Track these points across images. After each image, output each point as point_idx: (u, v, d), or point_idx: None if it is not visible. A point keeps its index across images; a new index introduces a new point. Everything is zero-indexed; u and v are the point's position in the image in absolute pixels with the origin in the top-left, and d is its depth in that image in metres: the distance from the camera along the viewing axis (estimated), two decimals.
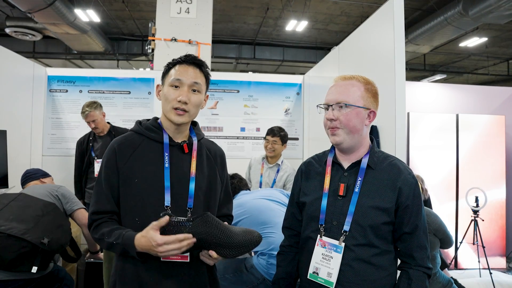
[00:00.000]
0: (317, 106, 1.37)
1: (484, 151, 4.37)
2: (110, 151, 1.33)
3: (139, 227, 1.25)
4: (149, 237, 1.14)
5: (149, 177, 1.29)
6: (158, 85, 1.38)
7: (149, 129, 1.36)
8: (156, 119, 1.41)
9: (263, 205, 2.21)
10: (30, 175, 2.49)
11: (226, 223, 1.27)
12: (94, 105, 3.27)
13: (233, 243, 1.18)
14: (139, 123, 1.40)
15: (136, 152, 1.32)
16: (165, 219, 1.14)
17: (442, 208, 4.25)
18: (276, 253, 1.54)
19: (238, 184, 2.46)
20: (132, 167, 1.29)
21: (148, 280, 1.25)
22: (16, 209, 1.93)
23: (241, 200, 2.27)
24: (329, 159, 1.35)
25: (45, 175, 2.55)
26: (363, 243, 1.22)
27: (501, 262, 4.35)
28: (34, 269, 1.87)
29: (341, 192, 1.26)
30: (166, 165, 1.30)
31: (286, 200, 2.27)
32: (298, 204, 1.41)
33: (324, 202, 1.29)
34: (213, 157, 1.44)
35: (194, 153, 1.36)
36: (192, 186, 1.32)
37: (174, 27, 4.19)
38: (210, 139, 1.52)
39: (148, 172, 1.29)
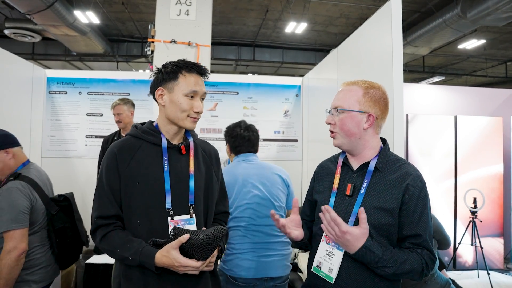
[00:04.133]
0: (326, 110, 1.42)
1: (482, 152, 4.38)
2: (110, 155, 1.34)
3: (140, 229, 1.30)
4: (173, 258, 1.21)
5: (150, 180, 1.32)
6: (159, 89, 1.37)
7: (147, 133, 1.39)
8: (151, 122, 1.44)
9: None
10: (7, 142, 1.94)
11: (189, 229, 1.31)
12: (125, 100, 3.39)
13: (199, 246, 1.23)
14: (135, 127, 1.43)
15: (136, 156, 1.35)
16: (186, 236, 1.22)
17: (440, 208, 4.26)
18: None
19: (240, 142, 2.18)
20: (133, 170, 1.32)
21: (153, 281, 1.28)
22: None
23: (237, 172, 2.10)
24: (340, 160, 1.41)
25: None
26: None
27: (499, 262, 4.36)
28: None
29: (347, 192, 1.31)
30: (166, 168, 1.34)
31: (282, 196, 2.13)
32: (310, 201, 1.50)
33: (331, 201, 1.34)
34: (208, 156, 1.50)
35: (192, 152, 1.42)
36: (191, 183, 1.37)
37: (173, 29, 4.20)
38: (203, 139, 1.57)
39: (149, 175, 1.32)
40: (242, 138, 2.16)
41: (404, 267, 1.19)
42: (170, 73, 1.35)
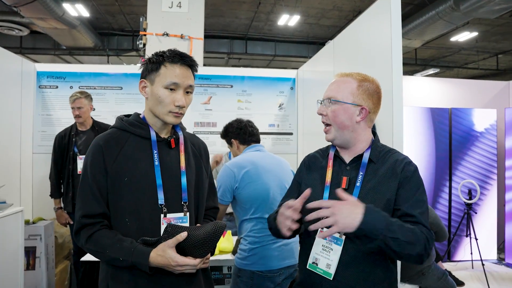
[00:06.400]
0: (317, 101, 1.38)
1: (476, 144, 4.41)
2: (96, 149, 1.26)
3: (129, 228, 1.23)
4: (169, 257, 1.14)
5: (139, 175, 1.26)
6: (142, 81, 1.31)
7: (134, 125, 1.32)
8: (138, 114, 1.37)
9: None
10: None
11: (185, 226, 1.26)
12: (86, 94, 3.29)
13: (197, 243, 1.18)
14: (120, 119, 1.36)
15: (124, 150, 1.28)
16: (184, 235, 1.16)
17: (435, 200, 4.29)
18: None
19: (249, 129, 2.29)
20: (121, 165, 1.25)
21: (144, 282, 1.22)
22: None
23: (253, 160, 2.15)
24: (331, 153, 1.37)
25: None
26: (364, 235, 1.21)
27: (493, 253, 4.42)
28: None
29: (343, 185, 1.27)
30: (156, 162, 1.28)
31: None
32: (299, 194, 1.39)
33: (326, 195, 1.29)
34: (197, 150, 1.44)
35: (182, 147, 1.36)
36: (184, 180, 1.31)
37: (165, 21, 4.13)
38: (191, 133, 1.52)
39: (138, 170, 1.26)
40: (251, 127, 2.29)
41: (408, 234, 1.10)
42: (153, 63, 1.28)
